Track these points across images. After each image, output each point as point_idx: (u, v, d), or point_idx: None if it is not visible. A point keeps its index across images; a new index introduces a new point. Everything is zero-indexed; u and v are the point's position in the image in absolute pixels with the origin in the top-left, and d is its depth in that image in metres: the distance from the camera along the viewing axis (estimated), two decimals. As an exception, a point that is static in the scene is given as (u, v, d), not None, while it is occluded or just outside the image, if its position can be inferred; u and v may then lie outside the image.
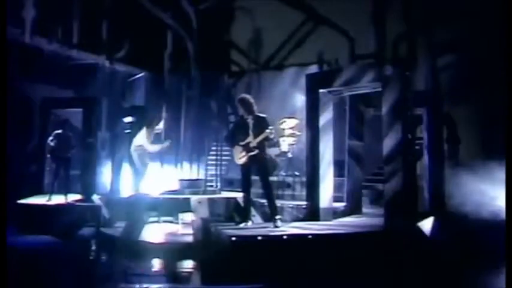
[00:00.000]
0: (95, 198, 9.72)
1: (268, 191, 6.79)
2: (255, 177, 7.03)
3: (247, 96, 6.94)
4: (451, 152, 9.39)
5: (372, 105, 8.80)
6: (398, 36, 11.28)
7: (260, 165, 6.75)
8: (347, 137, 8.69)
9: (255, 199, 7.80)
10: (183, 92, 13.09)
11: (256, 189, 7.34)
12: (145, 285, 5.80)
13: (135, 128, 9.41)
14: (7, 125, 6.67)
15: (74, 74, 11.89)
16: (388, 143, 6.66)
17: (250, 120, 6.70)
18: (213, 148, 12.30)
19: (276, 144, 10.05)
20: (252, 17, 13.78)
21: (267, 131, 6.60)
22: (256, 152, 6.62)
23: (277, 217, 6.67)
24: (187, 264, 6.99)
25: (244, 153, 6.66)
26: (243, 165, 6.78)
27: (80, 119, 10.68)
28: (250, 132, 6.66)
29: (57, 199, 9.52)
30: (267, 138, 6.69)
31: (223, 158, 11.20)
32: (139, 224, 8.20)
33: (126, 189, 9.74)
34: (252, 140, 6.62)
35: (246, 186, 6.92)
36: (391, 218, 6.51)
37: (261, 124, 6.66)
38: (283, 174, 10.74)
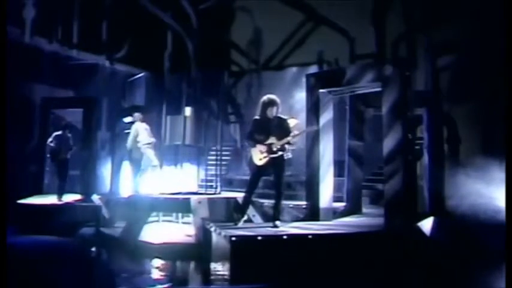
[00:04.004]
0: (95, 198, 9.73)
1: (281, 192, 6.63)
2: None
3: (275, 96, 6.67)
4: (451, 152, 9.39)
5: (372, 105, 8.78)
6: (399, 36, 11.29)
7: (279, 167, 6.57)
8: (347, 137, 8.68)
9: (255, 199, 7.79)
10: (183, 92, 13.09)
11: (255, 189, 7.31)
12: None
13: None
14: (7, 125, 6.66)
15: (74, 74, 11.90)
16: (388, 143, 6.65)
17: (273, 121, 6.52)
18: (213, 148, 12.29)
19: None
20: (252, 17, 13.80)
21: (291, 135, 6.49)
22: (279, 154, 6.48)
23: (278, 222, 6.54)
24: (187, 265, 7.00)
25: (266, 154, 6.46)
26: (260, 166, 6.55)
27: (80, 119, 10.69)
28: (273, 133, 6.48)
29: (57, 199, 9.53)
30: (289, 142, 6.56)
31: (223, 158, 11.19)
32: (139, 224, 8.20)
33: (126, 189, 9.75)
34: (276, 142, 6.46)
35: (252, 187, 6.75)
36: (391, 218, 6.49)
37: (284, 126, 6.54)
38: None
